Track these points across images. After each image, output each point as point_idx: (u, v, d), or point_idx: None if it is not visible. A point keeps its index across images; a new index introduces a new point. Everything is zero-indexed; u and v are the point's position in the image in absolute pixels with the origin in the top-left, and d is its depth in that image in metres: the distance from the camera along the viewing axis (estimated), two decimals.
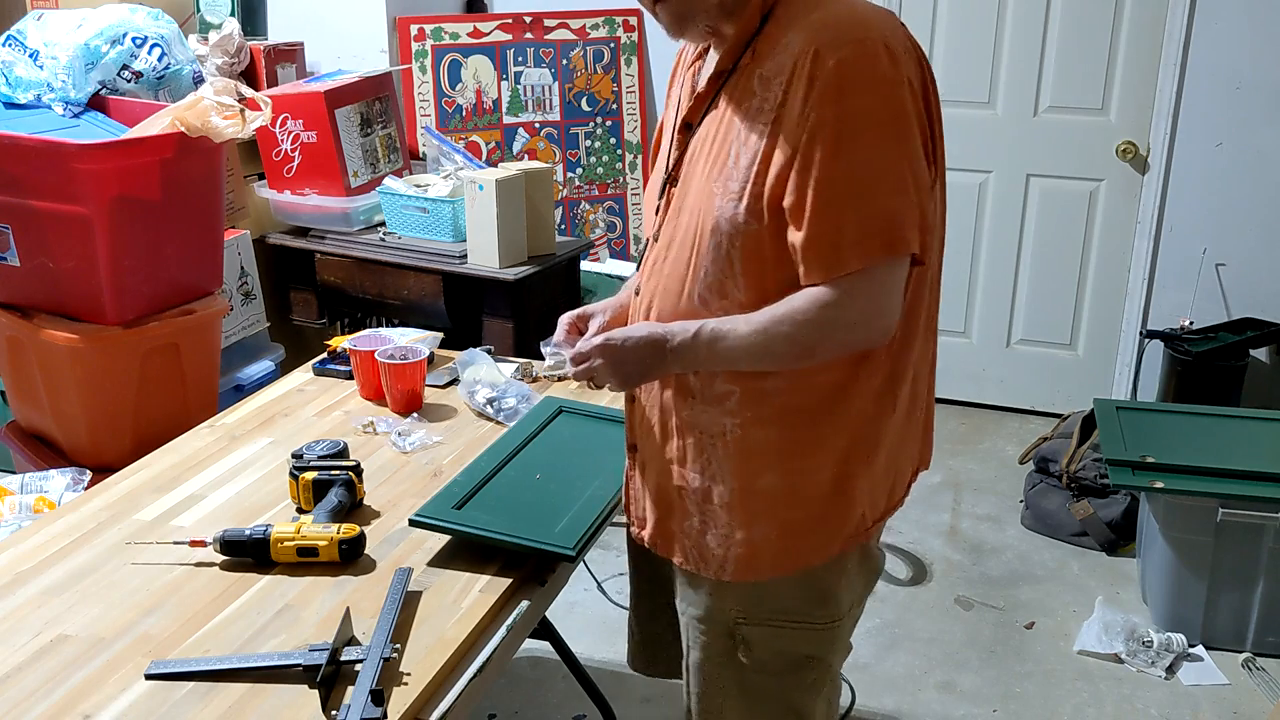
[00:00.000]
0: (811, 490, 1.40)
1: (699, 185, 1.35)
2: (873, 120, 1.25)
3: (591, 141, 4.12)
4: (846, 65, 1.24)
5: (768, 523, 1.41)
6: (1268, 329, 3.56)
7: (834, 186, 1.25)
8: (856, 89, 1.24)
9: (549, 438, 1.81)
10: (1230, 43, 3.50)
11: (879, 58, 1.25)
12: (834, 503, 1.42)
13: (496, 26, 3.94)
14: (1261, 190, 3.59)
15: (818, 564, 1.43)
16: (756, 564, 1.43)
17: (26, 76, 2.60)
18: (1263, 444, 2.84)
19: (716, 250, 1.33)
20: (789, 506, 1.41)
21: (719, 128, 1.35)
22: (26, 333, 2.27)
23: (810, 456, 1.39)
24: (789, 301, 1.30)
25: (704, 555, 1.45)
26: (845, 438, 1.39)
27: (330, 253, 3.13)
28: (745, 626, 1.45)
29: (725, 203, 1.31)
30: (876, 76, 1.25)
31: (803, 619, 1.46)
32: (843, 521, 1.43)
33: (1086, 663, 2.69)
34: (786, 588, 1.44)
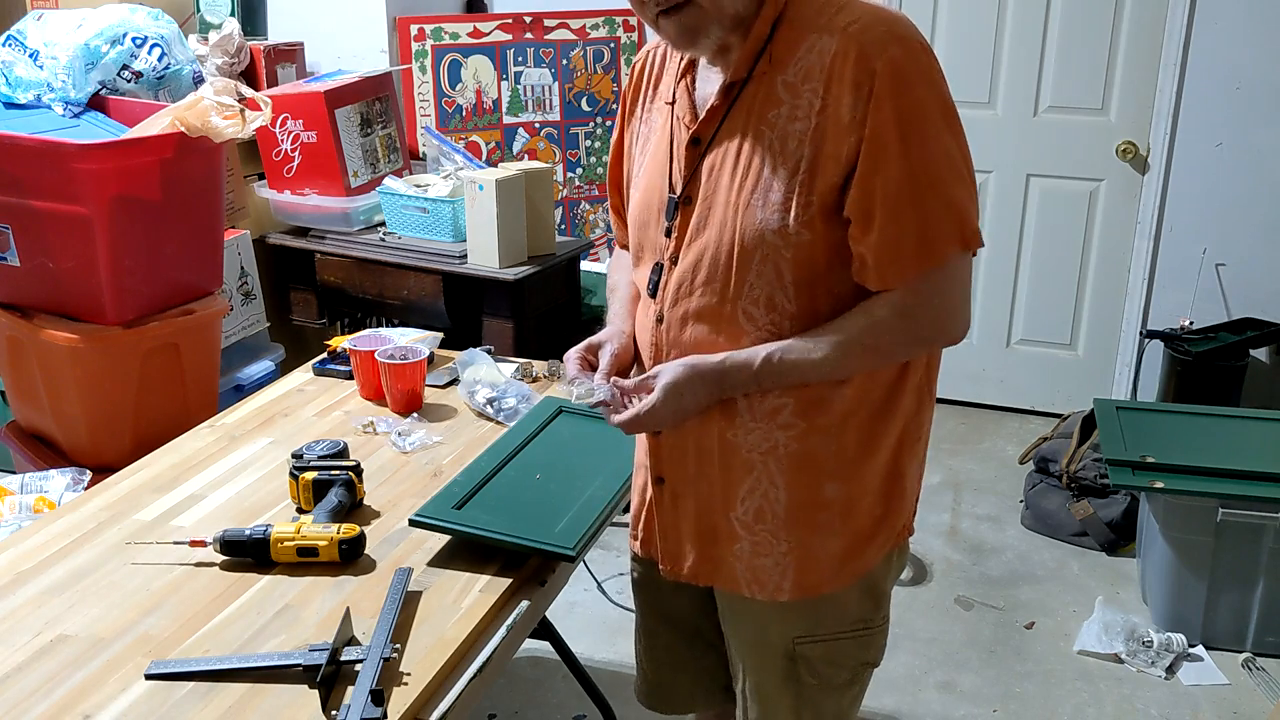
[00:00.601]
0: (872, 493, 1.39)
1: (726, 200, 1.31)
2: (930, 116, 1.25)
3: (591, 141, 4.12)
4: (897, 64, 1.22)
5: (829, 534, 1.39)
6: (1268, 329, 3.56)
7: (901, 188, 1.24)
8: (911, 87, 1.23)
9: (549, 438, 1.81)
10: (1230, 43, 3.50)
11: (923, 53, 1.25)
12: (891, 501, 1.41)
13: (496, 26, 3.94)
14: (1261, 190, 3.59)
15: (875, 566, 1.43)
16: (816, 579, 1.40)
17: (26, 76, 2.60)
18: (1263, 444, 2.84)
19: (763, 264, 1.29)
20: (851, 513, 1.39)
21: (742, 141, 1.31)
22: (26, 333, 2.27)
23: (870, 458, 1.38)
24: (865, 311, 1.29)
25: (758, 578, 1.41)
26: (896, 434, 1.38)
27: (330, 253, 3.13)
28: (806, 645, 1.43)
29: (769, 215, 1.27)
30: (925, 72, 1.25)
31: (861, 625, 1.44)
32: (898, 518, 1.44)
33: (1086, 663, 2.69)
34: (847, 596, 1.42)
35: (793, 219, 1.26)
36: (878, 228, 1.24)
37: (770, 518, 1.38)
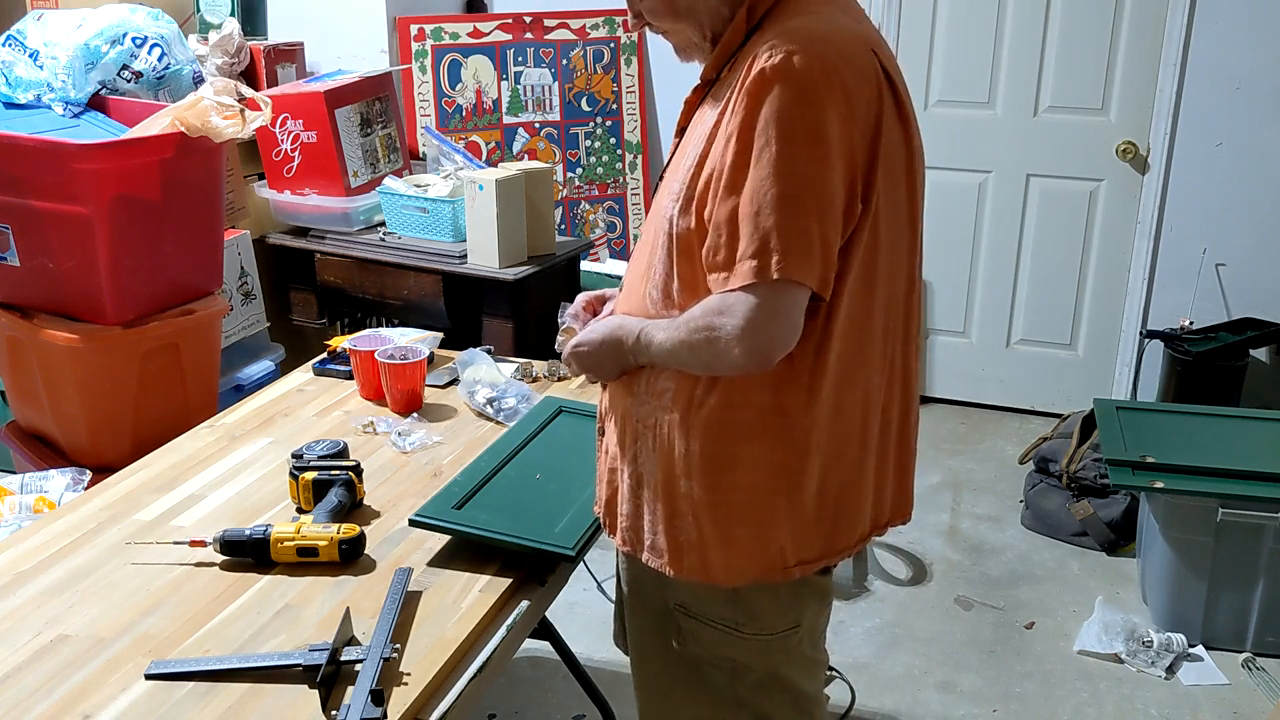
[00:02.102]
0: (724, 510, 1.35)
1: (663, 192, 1.37)
2: (782, 134, 1.19)
3: (591, 141, 4.12)
4: (768, 75, 1.20)
5: (686, 527, 1.38)
6: (1268, 329, 3.56)
7: (732, 197, 1.22)
8: (772, 99, 1.19)
9: (549, 438, 1.81)
10: (1230, 43, 3.50)
11: (807, 70, 1.19)
12: (747, 530, 1.36)
13: (496, 26, 3.94)
14: (1261, 190, 3.59)
15: (729, 585, 1.39)
16: (678, 562, 1.40)
17: (26, 76, 2.60)
18: (1263, 444, 2.84)
19: (664, 252, 1.33)
20: (702, 519, 1.36)
21: (689, 138, 1.37)
22: (26, 333, 2.27)
23: (724, 474, 1.34)
24: (697, 307, 1.29)
25: (638, 539, 1.43)
26: (765, 469, 1.33)
27: (330, 253, 3.13)
28: (681, 616, 1.44)
29: (669, 204, 1.32)
30: (797, 88, 1.19)
31: (729, 627, 1.42)
32: (757, 553, 1.37)
33: (1086, 663, 2.69)
34: (708, 592, 1.41)
35: (677, 211, 1.30)
36: (710, 232, 1.26)
37: (647, 490, 1.41)
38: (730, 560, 1.38)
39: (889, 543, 3.14)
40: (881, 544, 3.13)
